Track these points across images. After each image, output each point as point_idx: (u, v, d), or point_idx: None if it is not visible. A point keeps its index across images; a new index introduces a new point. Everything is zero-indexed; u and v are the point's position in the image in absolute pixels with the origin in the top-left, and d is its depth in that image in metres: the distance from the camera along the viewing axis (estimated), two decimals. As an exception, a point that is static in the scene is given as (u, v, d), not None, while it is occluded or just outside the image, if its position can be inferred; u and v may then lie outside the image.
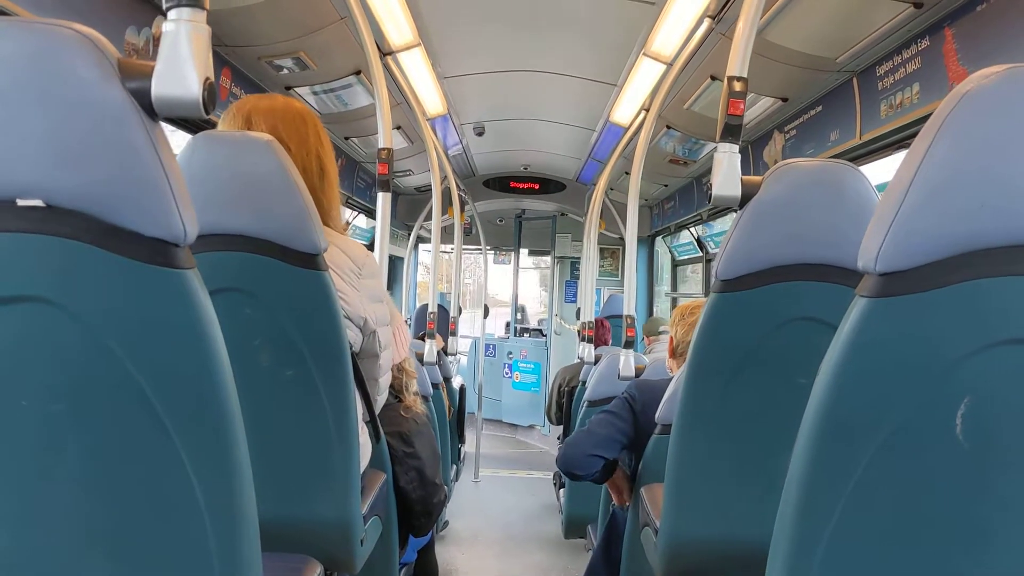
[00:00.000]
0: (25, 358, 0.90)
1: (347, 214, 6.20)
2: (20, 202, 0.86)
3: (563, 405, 5.17)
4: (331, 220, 1.74)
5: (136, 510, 0.94)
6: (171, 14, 0.93)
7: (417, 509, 2.19)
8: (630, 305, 3.47)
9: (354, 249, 1.71)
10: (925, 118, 0.92)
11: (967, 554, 0.91)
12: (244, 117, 1.68)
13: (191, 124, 3.00)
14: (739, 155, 1.56)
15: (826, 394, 0.90)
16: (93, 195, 0.87)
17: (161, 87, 0.87)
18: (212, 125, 1.81)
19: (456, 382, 5.67)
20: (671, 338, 2.64)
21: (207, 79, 0.91)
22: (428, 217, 5.64)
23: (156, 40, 2.53)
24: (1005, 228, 0.85)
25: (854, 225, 1.27)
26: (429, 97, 4.59)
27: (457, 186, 5.55)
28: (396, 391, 2.21)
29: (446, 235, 6.66)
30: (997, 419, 0.88)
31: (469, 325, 10.54)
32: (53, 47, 0.85)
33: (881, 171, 3.30)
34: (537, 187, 7.78)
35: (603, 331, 5.35)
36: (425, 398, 3.75)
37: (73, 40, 0.85)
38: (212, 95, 0.92)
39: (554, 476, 6.03)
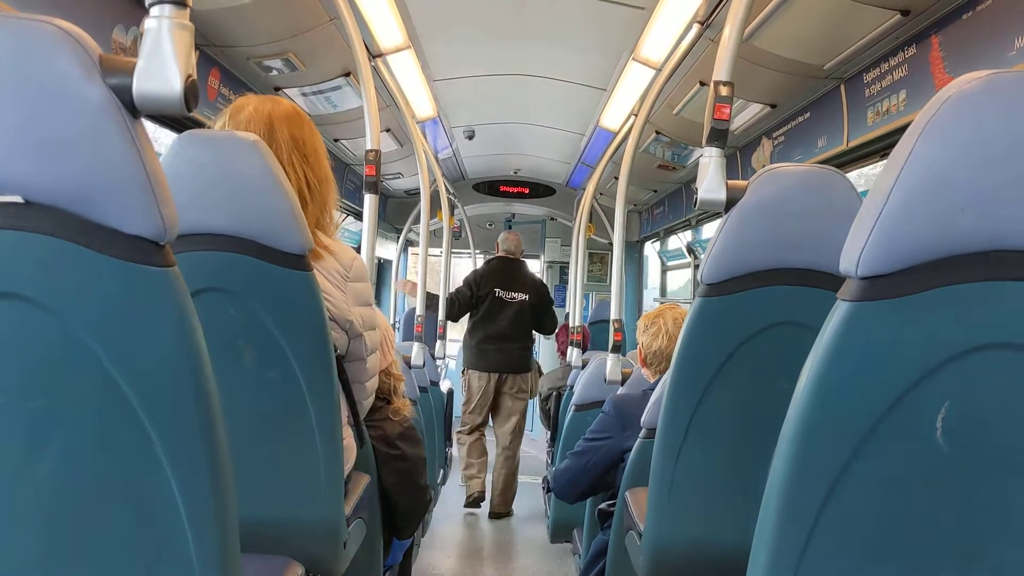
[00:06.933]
0: (2, 355, 0.89)
1: (336, 216, 6.18)
2: None
3: (549, 411, 5.17)
4: (324, 224, 1.74)
5: (114, 510, 0.93)
6: (153, 11, 0.92)
7: (400, 511, 2.18)
8: (618, 309, 3.48)
9: (342, 251, 1.70)
10: (911, 125, 0.92)
11: (948, 557, 0.91)
12: (264, 122, 1.66)
13: (177, 123, 2.99)
14: (725, 159, 1.56)
15: (807, 398, 0.90)
16: (72, 191, 0.86)
17: (143, 84, 0.87)
18: (198, 124, 1.81)
19: (444, 386, 5.65)
20: (639, 348, 2.67)
21: (189, 76, 0.91)
22: (417, 220, 5.62)
23: (144, 39, 2.52)
24: (985, 233, 0.85)
25: (838, 230, 1.26)
26: (419, 100, 4.58)
27: (446, 189, 5.54)
28: (384, 394, 2.21)
29: (435, 238, 6.65)
30: (977, 423, 0.88)
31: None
32: (33, 42, 0.84)
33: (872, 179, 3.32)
34: (527, 191, 7.78)
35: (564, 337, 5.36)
36: (413, 402, 3.73)
37: (54, 35, 0.85)
38: (194, 92, 0.91)
39: (543, 480, 6.02)
